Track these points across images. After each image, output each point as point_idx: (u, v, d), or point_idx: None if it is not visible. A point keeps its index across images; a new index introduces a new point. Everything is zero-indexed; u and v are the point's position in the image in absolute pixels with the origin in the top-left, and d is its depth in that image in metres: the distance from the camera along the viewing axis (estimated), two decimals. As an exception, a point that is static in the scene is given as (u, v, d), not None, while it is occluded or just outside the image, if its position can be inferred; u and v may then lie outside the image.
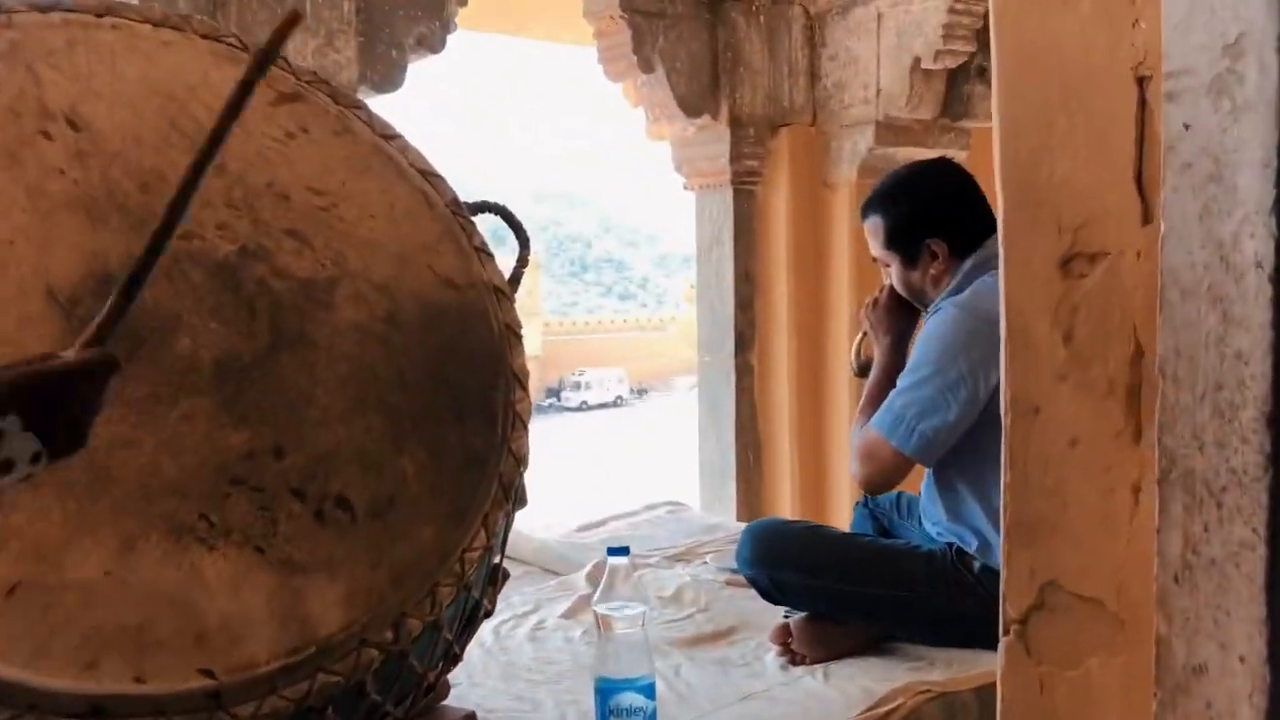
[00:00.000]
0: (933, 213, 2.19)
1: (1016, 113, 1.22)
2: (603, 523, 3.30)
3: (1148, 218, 1.12)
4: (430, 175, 1.62)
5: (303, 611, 1.25)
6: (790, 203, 3.86)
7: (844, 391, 3.83)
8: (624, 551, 1.76)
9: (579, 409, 33.65)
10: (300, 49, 2.71)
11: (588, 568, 2.70)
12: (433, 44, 3.14)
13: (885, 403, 2.11)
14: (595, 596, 1.75)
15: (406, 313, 1.49)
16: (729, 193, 3.80)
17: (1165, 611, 1.02)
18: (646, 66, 3.57)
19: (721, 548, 2.90)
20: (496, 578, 1.60)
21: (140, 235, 1.34)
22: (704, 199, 3.94)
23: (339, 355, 1.41)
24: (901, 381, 2.11)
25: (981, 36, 3.53)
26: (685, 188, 3.99)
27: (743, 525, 3.25)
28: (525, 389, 1.56)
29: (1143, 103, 1.12)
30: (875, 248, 2.26)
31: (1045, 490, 1.23)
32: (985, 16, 3.46)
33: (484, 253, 1.61)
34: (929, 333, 2.12)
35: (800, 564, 2.11)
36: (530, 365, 1.61)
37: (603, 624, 1.72)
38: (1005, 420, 1.26)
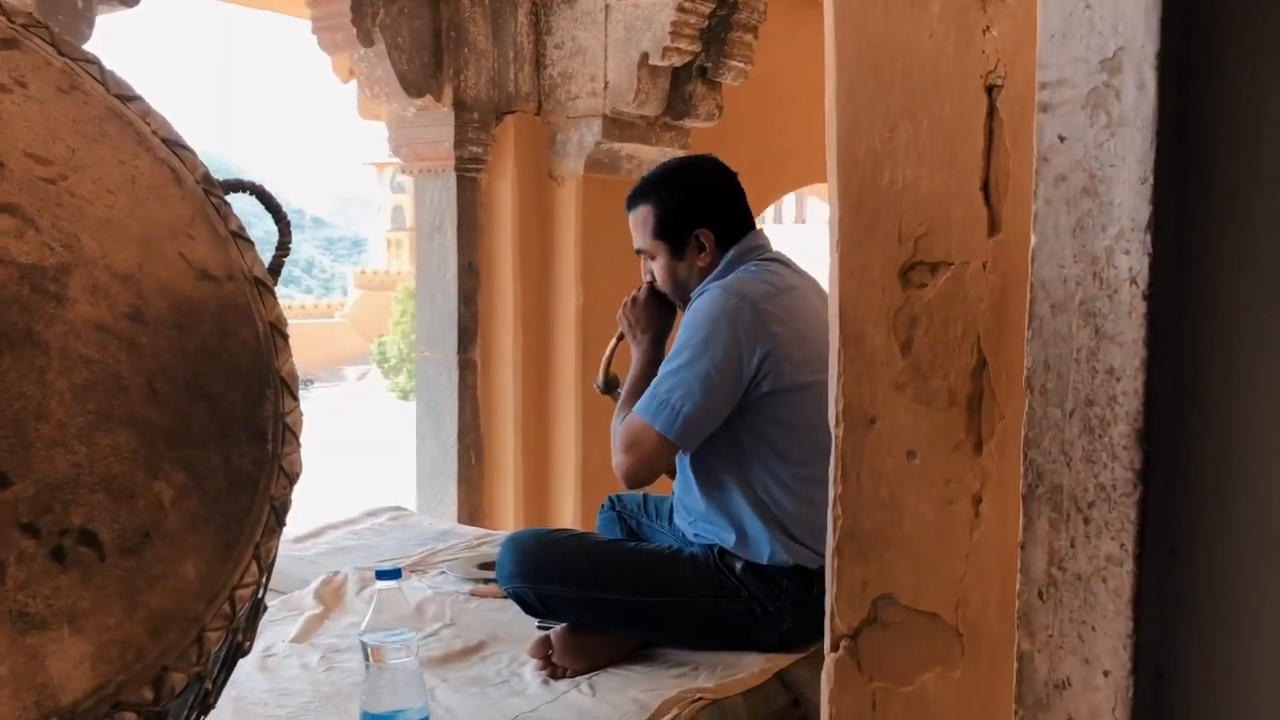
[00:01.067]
0: (703, 203, 2.18)
1: (857, 114, 1.18)
2: (320, 532, 3.05)
3: (994, 228, 1.12)
4: (177, 146, 1.38)
5: (41, 676, 1.02)
6: (516, 193, 3.73)
7: (570, 390, 3.77)
8: (395, 575, 1.60)
9: (241, 400, 31.59)
10: (-37, -12, 2.29)
11: (314, 584, 2.48)
12: (124, -4, 2.78)
13: (649, 388, 2.05)
14: (363, 625, 1.58)
15: (155, 309, 1.25)
16: (452, 179, 3.60)
17: (1028, 628, 1.00)
18: (366, 40, 3.32)
19: (457, 555, 2.75)
20: (258, 612, 1.39)
21: None
22: (424, 185, 3.72)
23: (76, 359, 1.16)
24: (664, 366, 2.06)
25: (705, 36, 3.56)
26: (403, 171, 3.77)
27: (475, 531, 3.13)
28: (295, 397, 1.36)
29: (992, 111, 1.11)
30: (642, 239, 2.20)
31: (880, 502, 1.20)
32: (710, 16, 3.49)
33: (242, 239, 1.40)
34: (691, 316, 2.09)
35: (567, 576, 2.01)
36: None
37: (373, 655, 1.55)
38: (836, 431, 1.21)
